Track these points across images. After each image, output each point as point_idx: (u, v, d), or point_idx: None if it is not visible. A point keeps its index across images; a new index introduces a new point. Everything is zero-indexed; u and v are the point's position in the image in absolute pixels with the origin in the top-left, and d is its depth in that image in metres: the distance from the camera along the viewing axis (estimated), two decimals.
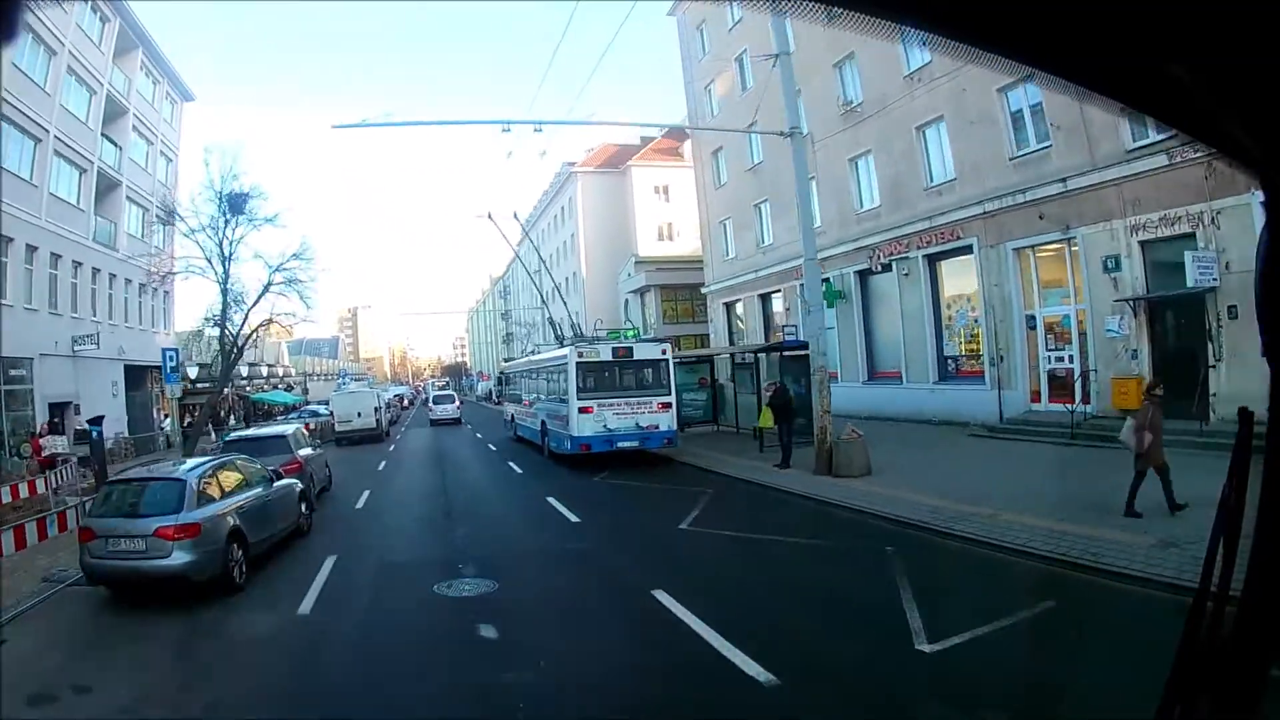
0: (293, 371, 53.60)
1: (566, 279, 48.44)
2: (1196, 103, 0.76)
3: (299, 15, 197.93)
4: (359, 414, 25.73)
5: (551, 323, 20.01)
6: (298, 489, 10.65)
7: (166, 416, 31.16)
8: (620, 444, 15.69)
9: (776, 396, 14.82)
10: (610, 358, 15.97)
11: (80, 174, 25.65)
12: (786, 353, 18.14)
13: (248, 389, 46.94)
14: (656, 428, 15.96)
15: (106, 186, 27.52)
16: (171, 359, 15.80)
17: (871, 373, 22.80)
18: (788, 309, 25.43)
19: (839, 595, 6.72)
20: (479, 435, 26.61)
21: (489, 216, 20.38)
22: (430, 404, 37.53)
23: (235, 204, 16.96)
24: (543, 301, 20.74)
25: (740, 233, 28.13)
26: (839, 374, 22.58)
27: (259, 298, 17.67)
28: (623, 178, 47.38)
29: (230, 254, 17.09)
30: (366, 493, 14.03)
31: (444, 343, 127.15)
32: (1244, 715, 0.94)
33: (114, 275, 27.65)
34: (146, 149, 31.22)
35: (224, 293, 17.26)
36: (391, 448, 23.76)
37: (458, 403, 38.19)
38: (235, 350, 18.12)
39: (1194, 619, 1.02)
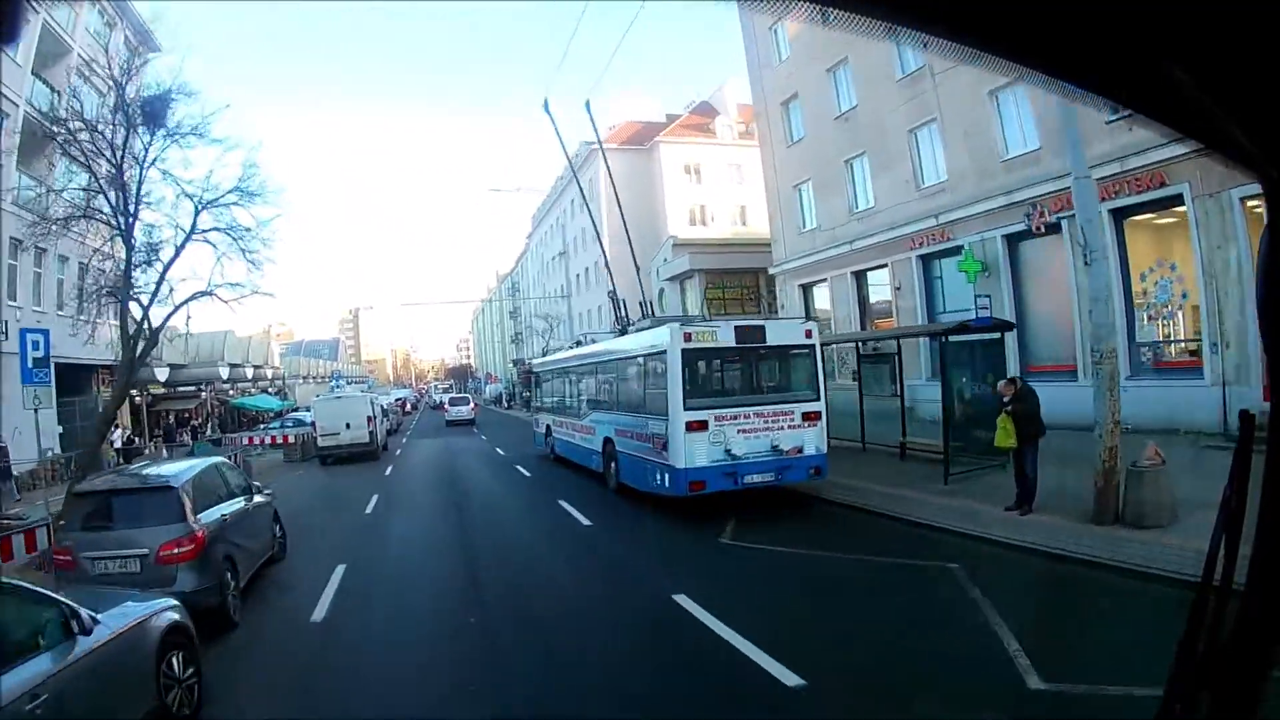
0: (284, 373, 47.19)
1: (587, 268, 42.29)
2: (1196, 103, 0.74)
3: (295, 13, 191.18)
4: (347, 425, 19.45)
5: (615, 299, 13.87)
6: (156, 632, 4.41)
7: (117, 427, 25.00)
8: (750, 479, 9.62)
9: (1020, 401, 8.94)
10: (733, 342, 9.82)
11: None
12: (954, 337, 12.27)
13: (230, 393, 40.66)
14: (800, 451, 9.91)
15: (37, 139, 21.39)
16: (36, 346, 9.54)
17: (1025, 365, 16.87)
18: (899, 286, 19.41)
19: None
20: (500, 451, 20.37)
21: (544, 108, 14.30)
22: (446, 405, 37.93)
23: (152, 111, 10.75)
24: (606, 265, 14.37)
25: (824, 197, 22.07)
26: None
27: (179, 250, 11.26)
28: (649, 156, 41.42)
29: (139, 187, 10.77)
30: (340, 571, 7.80)
31: (448, 345, 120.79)
32: (1244, 715, 0.92)
33: (43, 250, 21.45)
34: (99, 102, 25.03)
35: (128, 246, 10.90)
36: (389, 470, 17.56)
37: (472, 405, 37.29)
38: (146, 333, 11.70)
39: (1195, 620, 1.00)
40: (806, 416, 10.07)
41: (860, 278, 21.08)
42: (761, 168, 25.32)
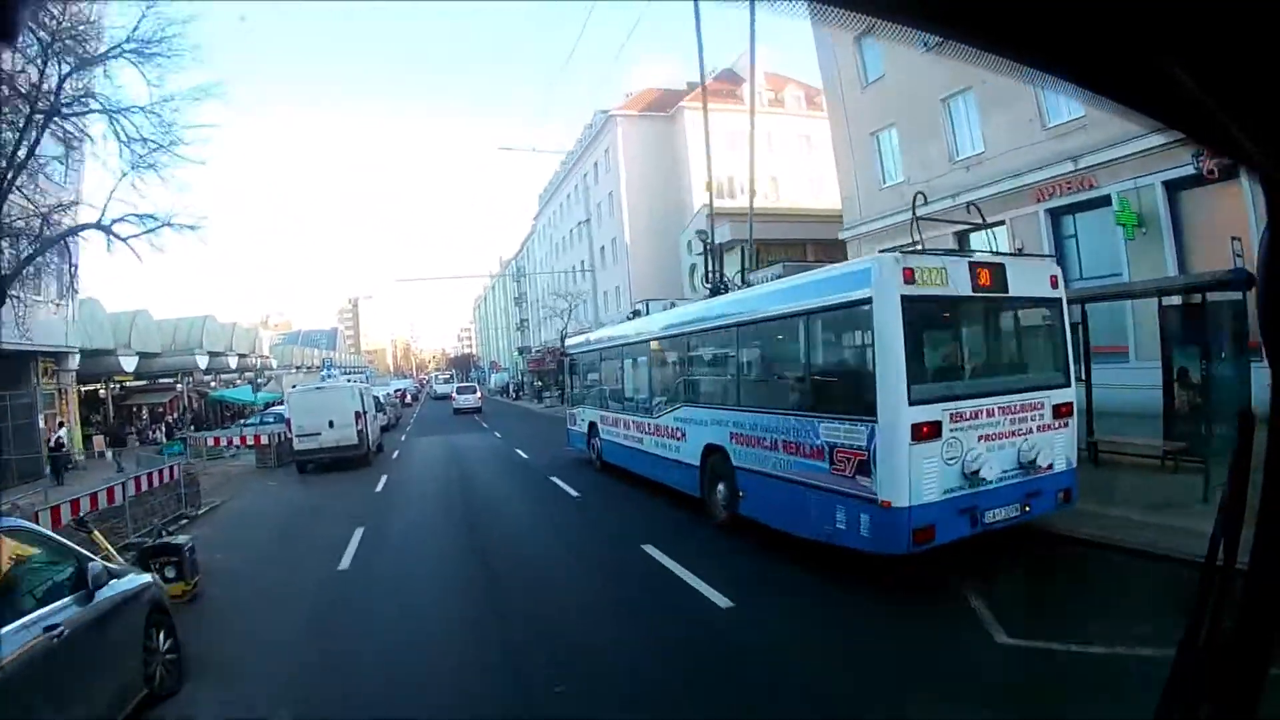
0: (273, 363, 42.65)
1: (604, 246, 37.92)
2: (1197, 102, 0.72)
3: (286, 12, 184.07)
4: (330, 423, 15.04)
5: (709, 246, 9.62)
6: None
7: (62, 425, 20.53)
8: (992, 516, 5.48)
9: None
10: (968, 290, 5.58)
11: None
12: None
13: (213, 384, 36.24)
14: (1050, 468, 5.78)
15: None
16: None
17: None
18: (1021, 248, 15.21)
19: None
20: (522, 454, 16.09)
21: None
22: (454, 395, 38.56)
23: None
24: (708, 185, 9.55)
25: (913, 145, 17.84)
26: (1131, 348, 13.12)
27: (25, 139, 6.51)
28: (671, 124, 37.05)
29: None
30: None
31: (448, 334, 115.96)
32: (1244, 715, 0.90)
33: None
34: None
35: None
36: (381, 483, 13.13)
37: (479, 394, 37.95)
38: None
39: (1194, 619, 0.98)
40: (1058, 411, 5.92)
41: (963, 239, 16.85)
42: (828, 117, 21.04)
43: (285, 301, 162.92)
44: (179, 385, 31.66)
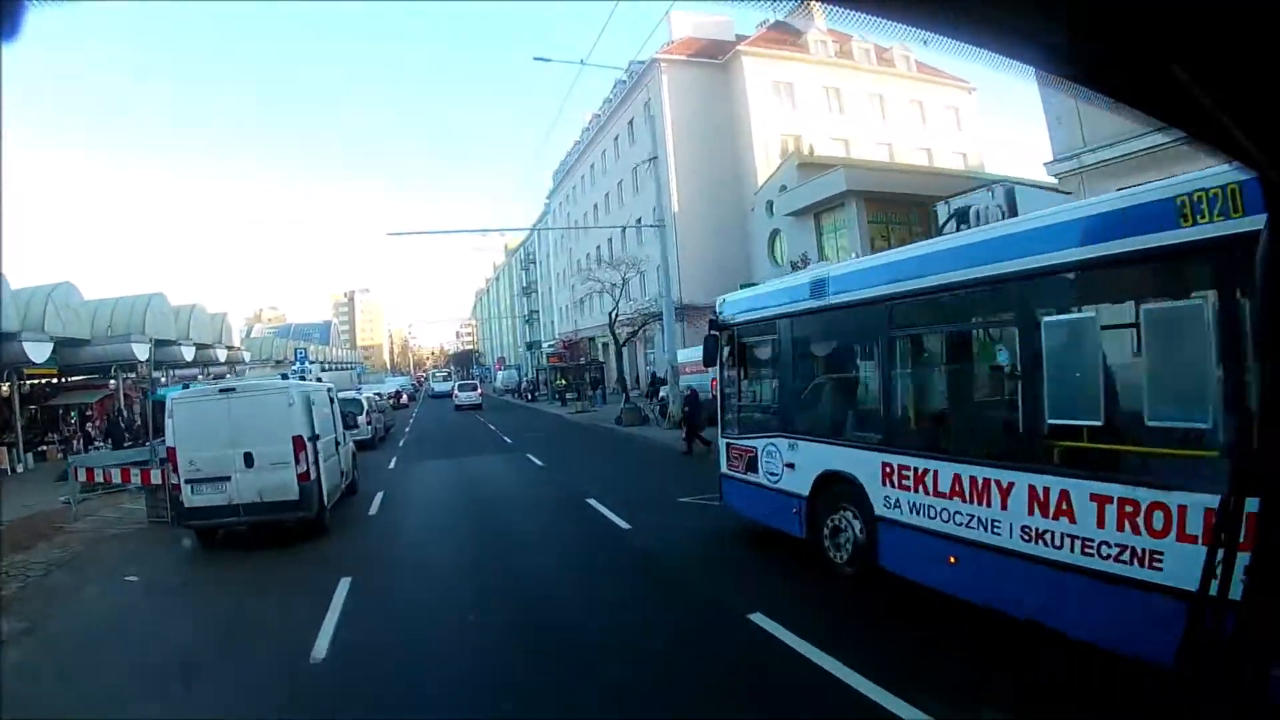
0: (245, 356, 35.38)
1: (640, 218, 30.83)
2: (1198, 103, 0.71)
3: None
4: (248, 460, 7.60)
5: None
6: None
7: None
8: None
9: None
10: None
11: None
12: None
13: (163, 382, 29.04)
14: None
15: None
16: None
17: None
18: None
19: None
20: (604, 511, 8.92)
21: None
22: (456, 392, 38.42)
23: None
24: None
25: None
26: None
27: None
28: (726, 73, 30.15)
29: None
30: None
31: (448, 330, 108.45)
32: (1244, 715, 0.87)
33: None
34: None
35: None
36: (331, 621, 5.28)
37: (479, 391, 38.18)
38: None
39: (1195, 619, 0.95)
40: None
41: None
42: None
43: (279, 295, 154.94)
44: (112, 382, 24.55)
